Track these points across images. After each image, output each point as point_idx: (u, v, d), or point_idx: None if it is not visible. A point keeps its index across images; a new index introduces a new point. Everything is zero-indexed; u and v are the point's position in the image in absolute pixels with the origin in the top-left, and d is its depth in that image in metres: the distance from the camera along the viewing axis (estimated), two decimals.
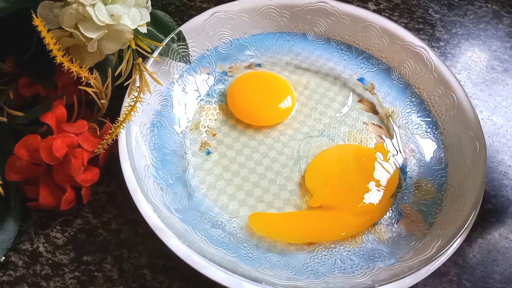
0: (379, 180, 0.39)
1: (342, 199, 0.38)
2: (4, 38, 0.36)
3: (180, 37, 0.41)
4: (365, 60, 0.46)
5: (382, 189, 0.39)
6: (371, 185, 0.39)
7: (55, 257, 0.35)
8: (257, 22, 0.46)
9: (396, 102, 0.44)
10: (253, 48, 0.46)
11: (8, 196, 0.35)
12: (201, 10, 0.45)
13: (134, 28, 0.34)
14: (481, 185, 0.36)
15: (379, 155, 0.40)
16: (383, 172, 0.39)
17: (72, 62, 0.31)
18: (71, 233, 0.36)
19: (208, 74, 0.44)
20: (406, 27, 0.51)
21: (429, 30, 0.52)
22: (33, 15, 0.29)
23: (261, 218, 0.37)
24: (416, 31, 0.52)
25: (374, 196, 0.38)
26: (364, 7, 0.47)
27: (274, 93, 0.44)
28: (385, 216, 0.38)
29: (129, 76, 0.36)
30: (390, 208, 0.38)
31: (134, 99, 0.35)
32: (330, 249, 0.36)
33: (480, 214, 0.40)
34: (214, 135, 0.41)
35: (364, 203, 0.38)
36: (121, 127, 0.35)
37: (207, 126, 0.42)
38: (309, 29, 0.47)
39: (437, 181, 0.39)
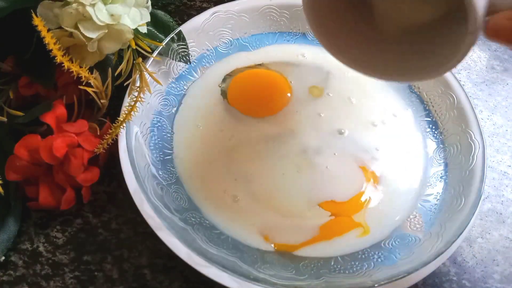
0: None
1: (346, 205, 0.38)
2: (4, 38, 0.36)
3: (180, 37, 0.41)
4: None
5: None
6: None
7: (55, 257, 0.35)
8: (257, 22, 0.46)
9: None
10: (253, 48, 0.46)
11: (8, 196, 0.35)
12: (201, 10, 0.45)
13: (134, 28, 0.34)
14: (480, 185, 0.36)
15: None
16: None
17: (72, 62, 0.31)
18: (71, 233, 0.36)
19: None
20: None
21: None
22: (33, 15, 0.29)
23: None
24: None
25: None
26: None
27: (272, 87, 0.44)
28: None
29: (129, 76, 0.36)
30: None
31: (134, 99, 0.35)
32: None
33: (480, 214, 0.40)
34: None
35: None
36: (121, 127, 0.35)
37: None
38: (309, 29, 0.46)
39: (437, 181, 0.39)
